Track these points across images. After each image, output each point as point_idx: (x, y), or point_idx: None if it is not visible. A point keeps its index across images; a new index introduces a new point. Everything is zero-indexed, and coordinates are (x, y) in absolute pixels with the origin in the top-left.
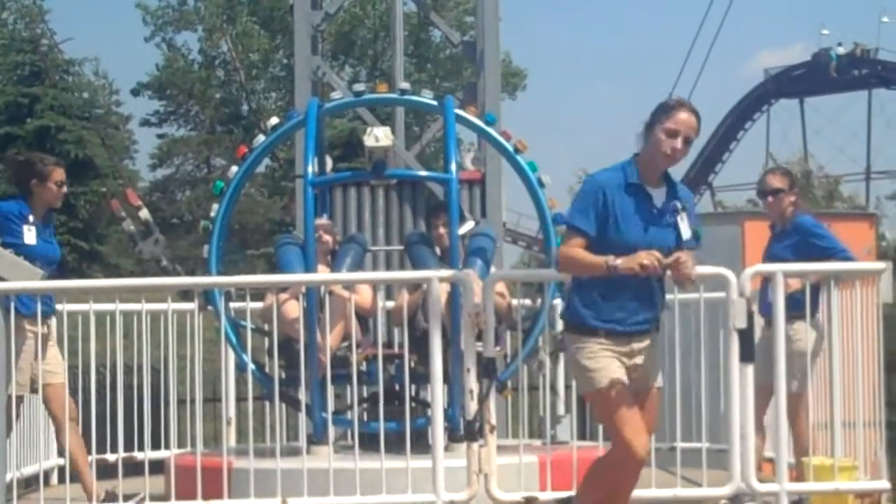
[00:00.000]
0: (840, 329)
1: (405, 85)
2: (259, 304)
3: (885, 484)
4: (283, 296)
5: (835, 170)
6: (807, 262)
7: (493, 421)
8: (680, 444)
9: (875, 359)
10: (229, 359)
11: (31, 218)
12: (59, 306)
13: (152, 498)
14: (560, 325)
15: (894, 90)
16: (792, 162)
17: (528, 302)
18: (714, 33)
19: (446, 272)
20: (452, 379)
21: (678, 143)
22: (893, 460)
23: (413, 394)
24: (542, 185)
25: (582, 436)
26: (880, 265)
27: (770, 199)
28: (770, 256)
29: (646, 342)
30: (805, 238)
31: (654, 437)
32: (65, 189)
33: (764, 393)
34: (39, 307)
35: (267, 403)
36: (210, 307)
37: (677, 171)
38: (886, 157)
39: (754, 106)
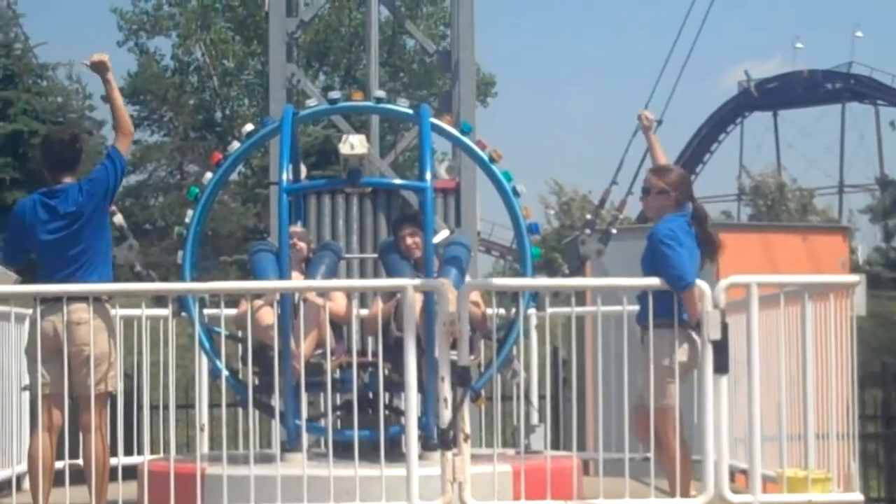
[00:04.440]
0: (814, 341)
1: (380, 93)
2: (233, 311)
3: (857, 496)
4: (258, 302)
5: (808, 183)
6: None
7: (468, 430)
8: (654, 455)
9: (848, 371)
10: (203, 365)
11: None
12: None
13: None
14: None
15: (867, 104)
16: (766, 174)
17: (502, 311)
18: (690, 45)
19: (421, 281)
20: (426, 387)
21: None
22: (866, 472)
23: (387, 402)
24: (517, 194)
25: (556, 445)
26: (854, 278)
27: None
28: None
29: None
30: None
31: (628, 448)
32: None
33: (642, 413)
34: None
35: (240, 410)
36: (184, 313)
37: None
38: (859, 170)
39: (728, 118)
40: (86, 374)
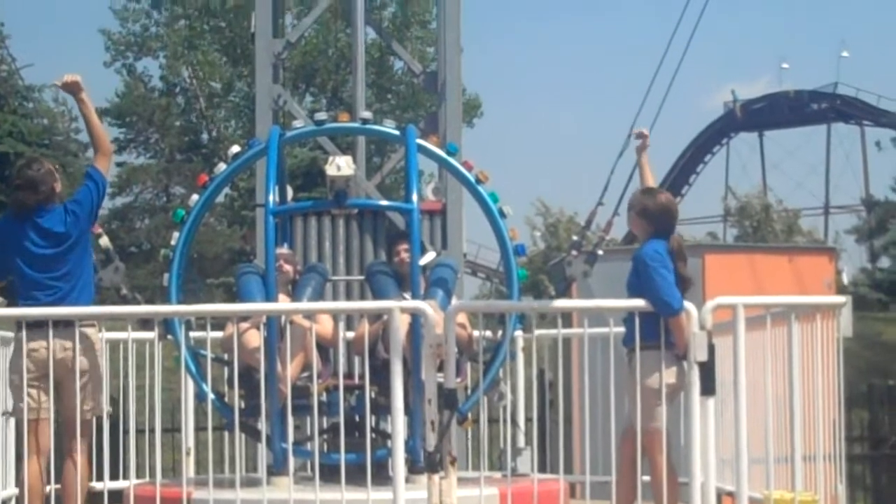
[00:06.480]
0: (801, 363)
1: (367, 114)
2: (219, 334)
3: None
4: (244, 325)
5: (794, 203)
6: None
7: (454, 452)
8: (640, 477)
9: (835, 392)
10: (189, 388)
11: None
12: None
13: None
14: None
15: (853, 124)
16: (751, 195)
17: (489, 333)
18: (676, 66)
19: (408, 303)
20: (413, 410)
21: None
22: (853, 494)
23: (373, 425)
24: (503, 215)
25: (542, 468)
26: (840, 299)
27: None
28: None
29: None
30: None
31: (615, 470)
32: None
33: (630, 435)
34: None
35: (226, 433)
36: (170, 336)
37: None
38: (845, 191)
39: (714, 139)
40: (75, 399)
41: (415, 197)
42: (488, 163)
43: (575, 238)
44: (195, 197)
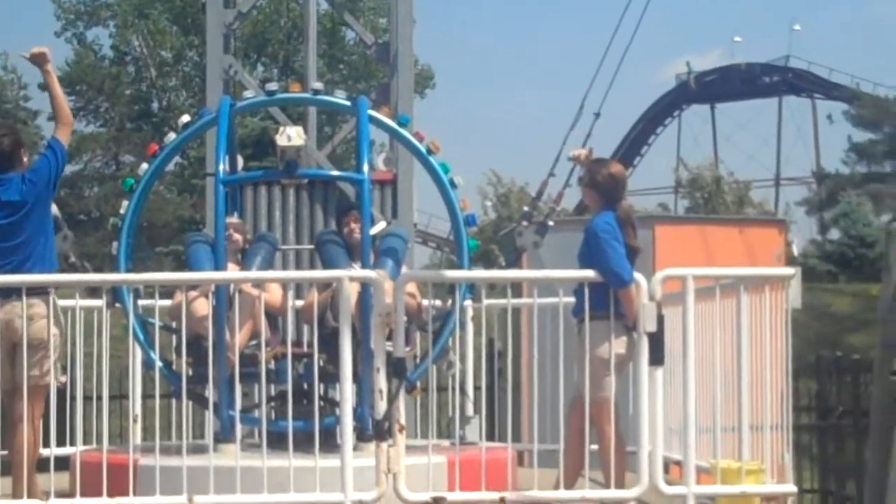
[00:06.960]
0: (749, 334)
1: (318, 85)
2: (168, 302)
3: (791, 487)
4: (192, 293)
5: (745, 175)
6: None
7: (403, 421)
8: (588, 447)
9: (783, 363)
10: (136, 356)
11: None
12: None
13: (58, 495)
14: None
15: (804, 97)
16: (703, 167)
17: (438, 303)
18: (629, 38)
19: (357, 272)
20: (362, 378)
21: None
22: (800, 464)
23: (322, 393)
24: (454, 186)
25: (490, 437)
26: (789, 271)
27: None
28: None
29: None
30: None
31: (563, 439)
32: None
33: (578, 405)
34: None
35: (174, 401)
36: (118, 304)
37: None
38: (796, 163)
39: (666, 111)
40: (30, 366)
41: (365, 167)
42: (440, 133)
43: (526, 208)
44: (145, 166)
